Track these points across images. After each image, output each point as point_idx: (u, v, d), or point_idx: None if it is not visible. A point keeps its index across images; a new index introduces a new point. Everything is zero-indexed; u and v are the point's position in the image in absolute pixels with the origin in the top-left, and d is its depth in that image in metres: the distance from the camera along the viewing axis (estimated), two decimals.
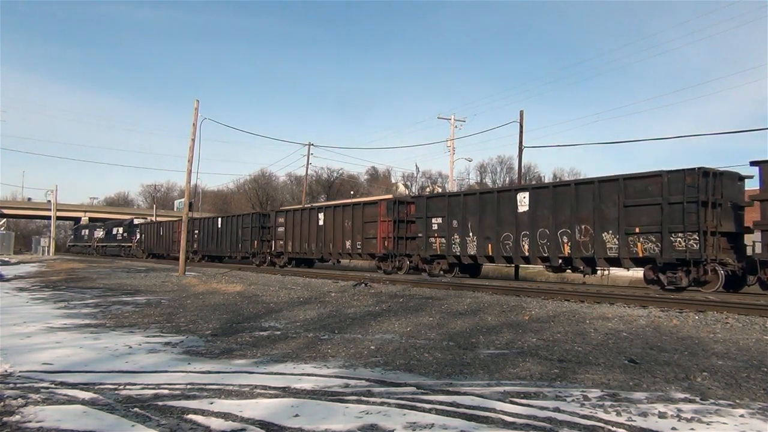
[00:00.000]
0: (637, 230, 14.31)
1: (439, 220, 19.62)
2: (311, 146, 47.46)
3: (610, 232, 14.88)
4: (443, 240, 19.41)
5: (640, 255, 14.32)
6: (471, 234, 18.54)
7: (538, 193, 16.88)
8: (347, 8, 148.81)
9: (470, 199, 18.88)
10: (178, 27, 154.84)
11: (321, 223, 25.67)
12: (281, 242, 28.64)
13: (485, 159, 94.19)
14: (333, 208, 25.66)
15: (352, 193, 72.38)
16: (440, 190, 57.51)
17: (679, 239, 13.57)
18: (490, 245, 17.88)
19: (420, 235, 20.39)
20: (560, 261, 16.10)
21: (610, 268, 17.79)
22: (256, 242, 30.55)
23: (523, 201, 17.07)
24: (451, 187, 41.44)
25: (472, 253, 18.52)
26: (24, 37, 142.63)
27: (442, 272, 19.66)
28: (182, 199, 36.49)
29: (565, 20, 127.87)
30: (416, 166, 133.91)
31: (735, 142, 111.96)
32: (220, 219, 35.54)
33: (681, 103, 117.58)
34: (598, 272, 19.05)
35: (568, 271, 17.11)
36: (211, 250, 35.64)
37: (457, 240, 18.96)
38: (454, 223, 19.04)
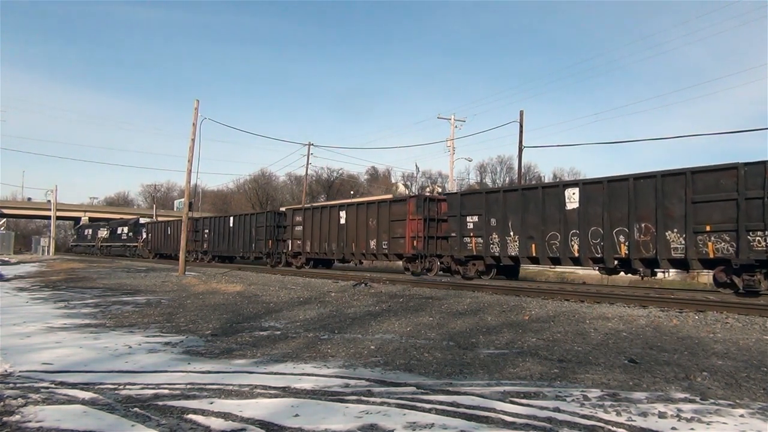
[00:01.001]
0: (708, 228, 13.05)
1: (475, 218, 18.21)
2: (311, 146, 47.49)
3: (675, 230, 13.57)
4: (480, 240, 18.05)
5: (711, 256, 13.04)
6: (512, 233, 17.16)
7: (590, 189, 15.46)
8: (347, 8, 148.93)
9: (511, 195, 17.48)
10: (178, 27, 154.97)
11: (343, 221, 24.18)
12: (299, 242, 27.12)
13: (485, 159, 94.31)
14: (356, 206, 24.08)
15: (352, 193, 72.39)
16: (440, 190, 57.49)
17: (759, 238, 12.35)
18: (533, 245, 16.57)
19: (453, 234, 18.97)
20: (616, 262, 14.85)
21: (674, 270, 16.26)
22: (270, 242, 29.10)
23: (573, 197, 15.77)
24: (451, 187, 41.42)
25: (513, 253, 17.17)
26: (24, 37, 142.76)
27: (477, 274, 18.34)
28: (182, 199, 36.06)
29: (565, 20, 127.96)
30: (416, 166, 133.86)
31: (735, 142, 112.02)
32: (232, 218, 33.82)
33: (681, 103, 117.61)
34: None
35: (621, 273, 15.76)
36: (222, 250, 34.28)
37: (496, 239, 17.60)
38: (493, 221, 17.69)
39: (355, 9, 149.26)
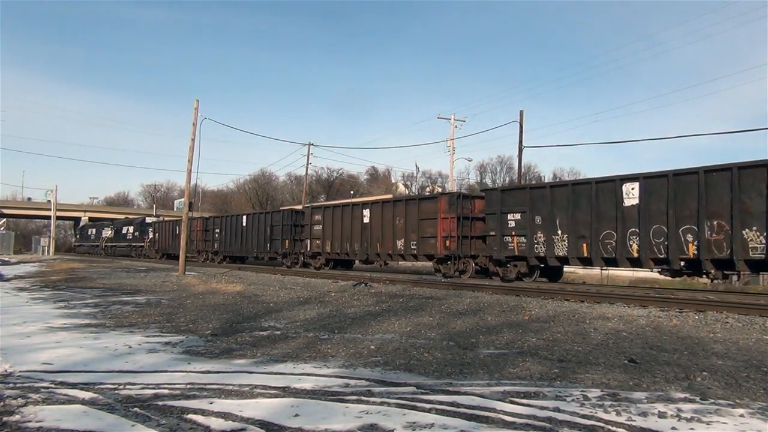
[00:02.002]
0: None
1: (518, 216, 17.03)
2: (311, 146, 47.49)
3: (755, 228, 12.45)
4: (522, 239, 16.90)
5: None
6: (560, 232, 16.02)
7: (652, 183, 14.25)
8: (347, 8, 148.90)
9: (559, 191, 16.30)
10: (178, 27, 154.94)
11: (366, 220, 22.95)
12: (318, 242, 25.81)
13: (485, 159, 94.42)
14: (381, 204, 22.80)
15: (351, 192, 72.40)
16: (440, 189, 57.47)
17: None
18: (585, 245, 15.42)
19: (492, 233, 17.78)
20: (682, 263, 13.72)
21: (751, 271, 14.42)
22: (287, 242, 27.73)
23: (631, 193, 14.57)
24: (451, 186, 41.44)
25: (561, 254, 16.04)
26: (24, 37, 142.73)
27: (519, 276, 17.33)
28: (182, 199, 35.64)
29: (565, 20, 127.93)
30: (416, 165, 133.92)
31: (735, 142, 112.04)
32: (245, 217, 32.23)
33: (681, 103, 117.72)
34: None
35: (685, 276, 15.17)
36: (235, 251, 32.83)
37: (542, 239, 16.44)
38: (538, 219, 16.53)
39: (355, 9, 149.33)
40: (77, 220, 76.84)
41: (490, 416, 4.07)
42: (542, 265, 17.16)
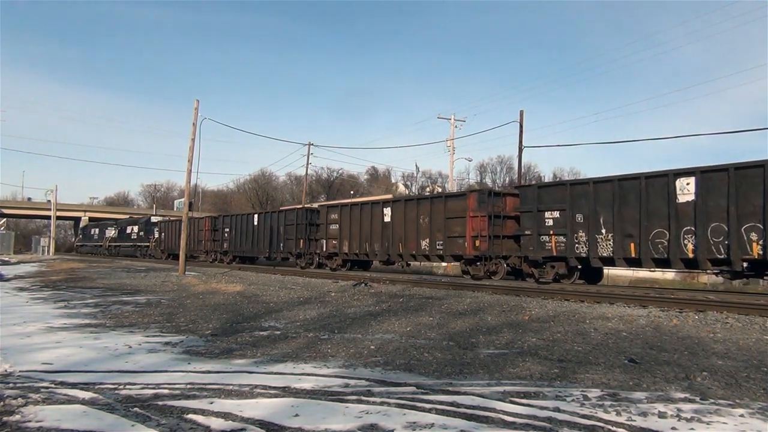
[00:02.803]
0: None
1: (556, 213, 15.96)
2: (311, 146, 47.51)
3: None
4: (562, 238, 15.80)
5: None
6: (604, 231, 14.94)
7: (710, 178, 13.21)
8: (347, 8, 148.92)
9: (603, 187, 15.17)
10: (178, 26, 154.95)
11: (388, 219, 21.78)
12: (334, 242, 24.62)
13: (485, 159, 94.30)
14: (404, 202, 21.60)
15: (352, 192, 72.43)
16: (440, 189, 57.49)
17: None
18: (632, 245, 14.37)
19: (528, 232, 16.68)
20: (745, 264, 12.74)
21: None
22: (301, 241, 26.53)
23: (686, 188, 13.52)
24: (451, 187, 41.45)
25: (605, 254, 14.92)
26: (24, 37, 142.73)
27: (556, 277, 16.24)
28: (182, 199, 35.24)
29: (565, 20, 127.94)
30: (416, 166, 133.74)
31: (735, 142, 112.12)
32: (256, 216, 30.87)
33: (681, 102, 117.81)
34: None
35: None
36: (245, 251, 31.57)
37: (583, 238, 15.34)
38: (579, 217, 15.45)
39: (355, 9, 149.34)
40: (77, 220, 76.85)
41: (490, 416, 4.08)
42: (585, 266, 16.07)
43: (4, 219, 74.57)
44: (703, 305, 10.43)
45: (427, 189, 73.02)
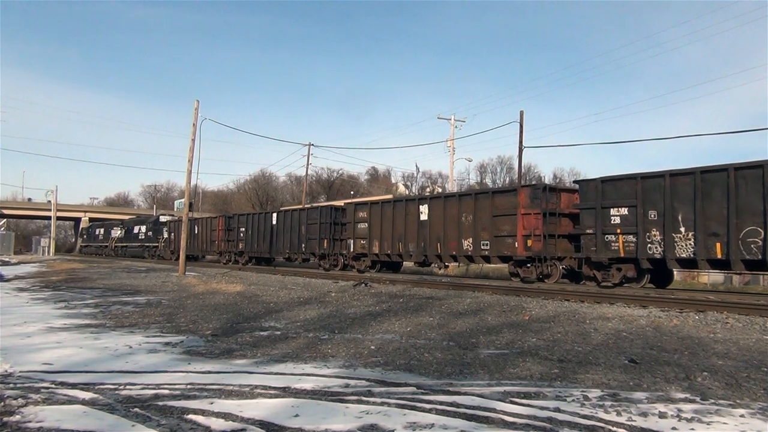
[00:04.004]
0: None
1: (624, 210, 14.65)
2: (311, 146, 47.52)
3: None
4: (631, 238, 14.48)
5: None
6: (682, 229, 13.57)
7: None
8: (347, 8, 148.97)
9: (681, 180, 13.72)
10: (177, 26, 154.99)
11: (424, 217, 20.32)
12: (363, 242, 23.12)
13: (485, 159, 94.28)
14: (443, 199, 20.12)
15: (352, 193, 72.41)
16: (440, 190, 57.50)
17: None
18: (718, 245, 13.05)
19: (589, 231, 15.29)
20: None
21: None
22: (326, 241, 25.18)
23: None
24: (451, 187, 41.42)
25: (684, 255, 13.53)
26: (24, 37, 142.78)
27: (623, 280, 14.93)
28: (182, 200, 34.72)
29: (565, 20, 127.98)
30: (416, 166, 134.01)
31: (735, 142, 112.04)
32: (275, 214, 29.39)
33: (681, 102, 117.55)
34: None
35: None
36: (263, 251, 30.03)
37: (657, 237, 13.98)
38: (652, 214, 14.10)
39: (356, 9, 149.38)
40: (77, 220, 76.88)
41: (491, 416, 4.08)
42: (658, 268, 14.77)
43: (4, 219, 74.61)
44: (703, 305, 10.43)
45: (428, 189, 73.01)
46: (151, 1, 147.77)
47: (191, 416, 4.08)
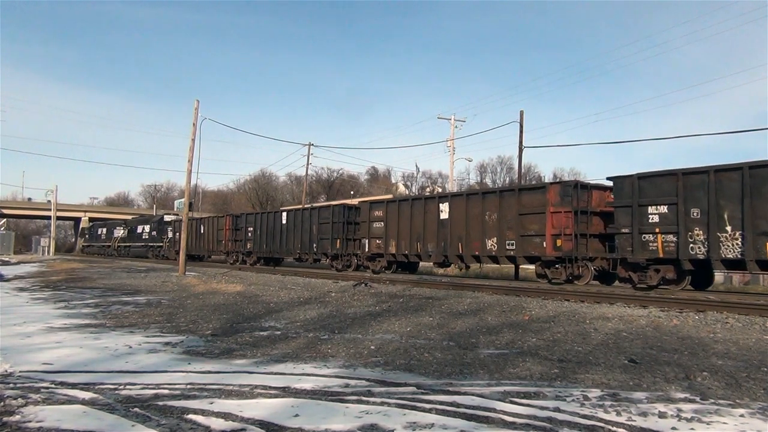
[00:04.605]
0: None
1: (663, 208, 13.90)
2: (311, 146, 47.52)
3: None
4: (671, 237, 13.74)
5: None
6: (729, 228, 12.83)
7: None
8: (347, 8, 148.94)
9: (728, 176, 13.00)
10: (177, 26, 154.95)
11: (444, 216, 19.56)
12: (378, 241, 22.37)
13: (485, 159, 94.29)
14: (465, 197, 19.41)
15: (352, 193, 72.43)
16: (440, 190, 57.48)
17: None
18: None
19: (625, 230, 14.59)
20: None
21: None
22: (338, 241, 24.43)
23: None
24: (451, 187, 41.38)
25: (731, 256, 12.79)
26: (24, 37, 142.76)
27: (661, 282, 14.22)
28: (182, 199, 34.37)
29: (565, 20, 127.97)
30: (416, 166, 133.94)
31: (735, 142, 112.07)
32: (284, 213, 28.65)
33: (681, 102, 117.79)
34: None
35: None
36: (272, 251, 29.24)
37: (700, 237, 13.24)
38: (694, 212, 13.38)
39: (356, 9, 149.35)
40: (77, 220, 76.90)
41: (491, 416, 4.08)
42: (702, 269, 13.97)
43: (4, 219, 74.59)
44: (703, 305, 10.43)
45: (428, 189, 73.01)
46: (151, 1, 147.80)
47: (191, 416, 4.08)
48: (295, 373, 5.68)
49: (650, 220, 14.20)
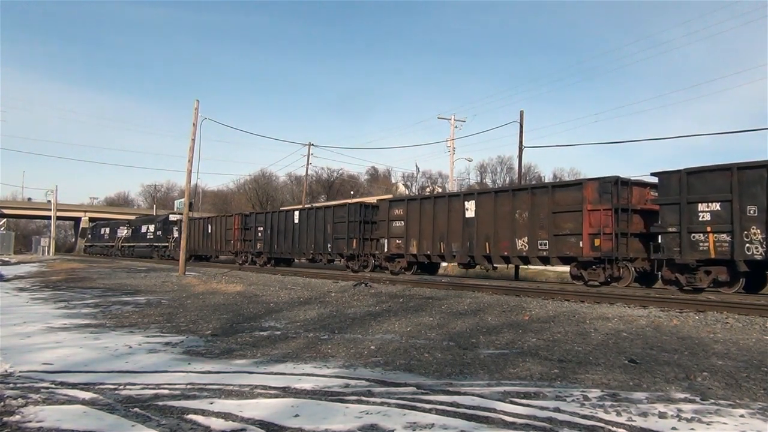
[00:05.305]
0: None
1: (716, 206, 13.06)
2: (311, 146, 47.52)
3: None
4: (724, 236, 12.96)
5: None
6: None
7: None
8: (347, 8, 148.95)
9: None
10: (177, 26, 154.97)
11: (470, 214, 18.72)
12: (398, 241, 21.49)
13: (485, 159, 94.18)
14: (494, 195, 18.49)
15: (352, 193, 72.44)
16: (440, 190, 57.48)
17: None
18: None
19: (672, 229, 13.78)
20: None
21: None
22: (355, 241, 23.60)
23: None
24: (451, 187, 41.39)
25: None
26: (24, 37, 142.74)
27: (712, 284, 13.43)
28: (182, 199, 34.11)
29: (565, 20, 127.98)
30: (416, 166, 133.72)
31: (735, 142, 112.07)
32: (297, 212, 27.69)
33: (681, 102, 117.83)
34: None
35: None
36: (284, 251, 28.40)
37: (759, 236, 12.42)
38: (751, 210, 12.59)
39: (356, 9, 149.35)
40: (77, 220, 76.93)
41: (491, 416, 4.08)
42: (749, 271, 13.10)
43: (4, 219, 74.60)
44: (703, 305, 10.43)
45: (428, 189, 73.02)
46: (151, 1, 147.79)
47: (191, 416, 4.08)
48: (295, 373, 5.68)
49: (700, 219, 13.34)
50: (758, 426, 3.97)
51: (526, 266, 19.96)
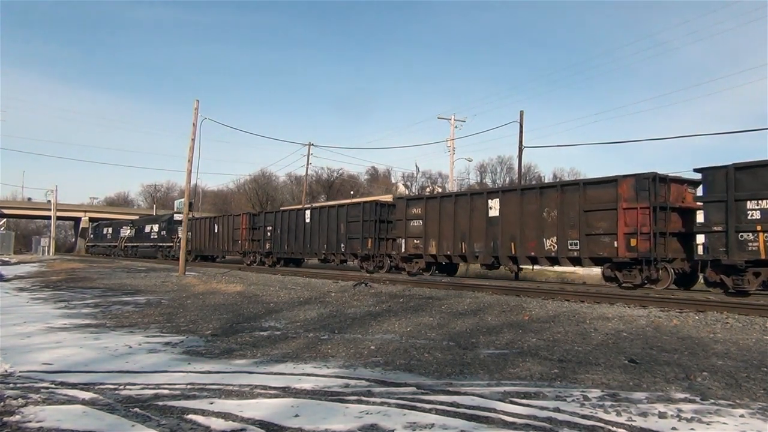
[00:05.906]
0: None
1: (766, 203, 12.30)
2: (311, 146, 47.53)
3: None
4: None
5: None
6: None
7: None
8: (348, 8, 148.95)
9: None
10: (177, 26, 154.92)
11: (494, 213, 17.94)
12: (417, 241, 20.65)
13: (485, 159, 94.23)
14: (520, 192, 17.59)
15: (352, 193, 72.43)
16: (440, 190, 57.50)
17: None
18: None
19: (717, 228, 12.96)
20: None
21: None
22: (370, 241, 22.80)
23: None
24: (451, 187, 41.44)
25: None
26: (24, 37, 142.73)
27: (762, 287, 12.72)
28: (182, 199, 33.98)
29: (565, 20, 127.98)
30: (416, 166, 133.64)
31: (735, 142, 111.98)
32: (308, 211, 27.02)
33: (682, 102, 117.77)
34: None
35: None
36: (294, 252, 27.56)
37: None
38: None
39: (356, 9, 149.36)
40: (77, 220, 76.90)
41: (491, 416, 4.08)
42: None
43: (4, 219, 74.60)
44: (703, 305, 10.43)
45: (427, 189, 73.02)
46: (151, 1, 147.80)
47: (191, 416, 4.08)
48: (295, 373, 5.68)
49: (750, 217, 12.49)
50: (758, 426, 3.97)
51: (552, 267, 19.14)
